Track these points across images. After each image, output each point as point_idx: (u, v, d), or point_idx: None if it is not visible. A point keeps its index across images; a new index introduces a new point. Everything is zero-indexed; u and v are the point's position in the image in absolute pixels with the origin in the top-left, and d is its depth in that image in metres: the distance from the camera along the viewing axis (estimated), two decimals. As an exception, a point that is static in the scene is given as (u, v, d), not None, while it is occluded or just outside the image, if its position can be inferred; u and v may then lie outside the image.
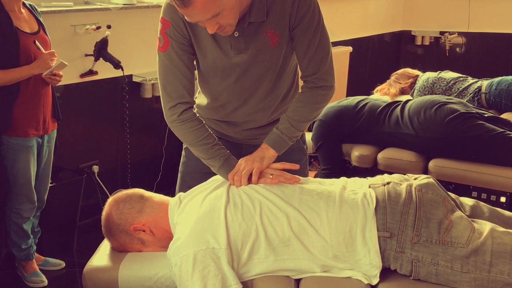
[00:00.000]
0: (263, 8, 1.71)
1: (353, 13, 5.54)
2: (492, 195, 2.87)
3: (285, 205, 1.65)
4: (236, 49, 1.76)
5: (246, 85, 1.86)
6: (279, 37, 1.77)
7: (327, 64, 1.84)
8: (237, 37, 1.74)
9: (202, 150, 1.85)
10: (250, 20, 1.71)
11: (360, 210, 1.63)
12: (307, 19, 1.75)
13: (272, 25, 1.75)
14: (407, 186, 1.69)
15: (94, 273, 1.73)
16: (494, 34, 5.90)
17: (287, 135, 1.84)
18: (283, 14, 1.74)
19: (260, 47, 1.78)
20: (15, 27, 2.51)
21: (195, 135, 1.84)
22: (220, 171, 1.83)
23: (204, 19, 1.58)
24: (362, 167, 3.14)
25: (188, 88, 1.83)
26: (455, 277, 1.57)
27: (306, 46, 1.79)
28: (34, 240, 2.92)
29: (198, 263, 1.53)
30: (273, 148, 1.83)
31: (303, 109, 1.85)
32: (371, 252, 1.61)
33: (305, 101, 1.85)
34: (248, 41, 1.76)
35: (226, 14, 1.58)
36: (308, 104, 1.86)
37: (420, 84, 3.86)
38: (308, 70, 1.83)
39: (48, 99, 2.72)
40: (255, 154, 1.83)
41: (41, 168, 2.80)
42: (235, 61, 1.79)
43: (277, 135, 1.84)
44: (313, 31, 1.77)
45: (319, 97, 1.86)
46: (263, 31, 1.75)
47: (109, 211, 1.78)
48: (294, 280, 1.65)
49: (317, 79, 1.84)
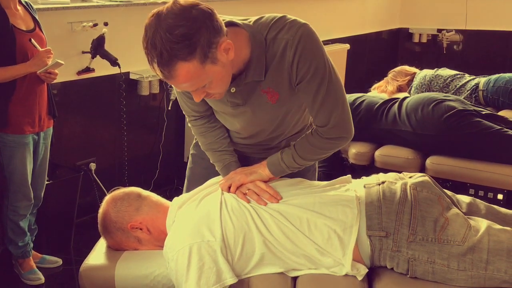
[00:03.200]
0: (262, 68, 1.61)
1: (350, 10, 5.54)
2: (489, 193, 2.87)
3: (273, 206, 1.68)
4: (233, 103, 1.70)
5: (250, 128, 1.81)
6: (278, 95, 1.68)
7: (339, 115, 1.69)
8: (234, 93, 1.66)
9: (209, 154, 1.91)
10: (246, 81, 1.63)
11: (341, 217, 1.64)
12: (310, 76, 1.62)
13: (269, 84, 1.65)
14: (402, 185, 1.69)
15: (91, 271, 1.73)
16: (491, 32, 5.90)
17: (286, 165, 1.77)
18: (281, 74, 1.63)
19: (258, 103, 1.70)
20: (11, 25, 2.50)
21: (205, 139, 1.90)
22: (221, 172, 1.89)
23: (190, 90, 1.52)
24: (359, 165, 3.13)
25: (197, 110, 1.84)
26: (451, 275, 1.58)
27: (311, 100, 1.66)
28: (31, 237, 2.92)
29: (194, 256, 1.53)
30: (269, 169, 1.78)
31: (308, 149, 1.75)
32: (346, 256, 1.61)
33: (312, 144, 1.74)
34: (245, 97, 1.68)
35: (214, 85, 1.50)
36: (314, 149, 1.75)
37: (417, 81, 3.86)
38: (317, 121, 1.71)
39: (44, 96, 2.72)
40: (252, 166, 1.82)
41: (38, 165, 2.80)
42: (233, 112, 1.75)
43: (278, 160, 1.78)
44: (316, 87, 1.63)
45: (328, 145, 1.75)
46: (260, 90, 1.67)
47: (106, 209, 1.78)
48: (291, 278, 1.65)
49: (327, 130, 1.71)
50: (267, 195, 1.70)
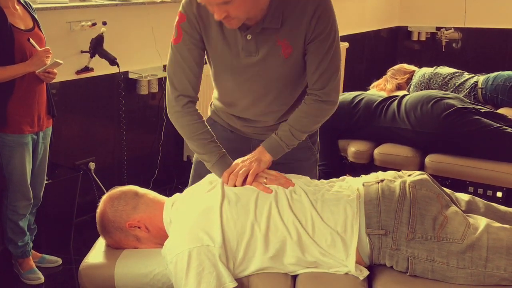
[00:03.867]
0: (279, 16, 1.70)
1: (349, 8, 5.54)
2: (489, 190, 2.87)
3: (277, 204, 1.67)
4: (246, 51, 1.76)
5: (255, 88, 1.86)
6: (292, 49, 1.76)
7: (336, 81, 1.83)
8: (249, 40, 1.74)
9: (198, 144, 1.86)
10: (263, 26, 1.71)
11: (342, 217, 1.64)
12: (324, 36, 1.73)
13: (286, 35, 1.73)
14: (401, 183, 1.69)
15: (90, 270, 1.73)
16: (490, 29, 5.90)
17: (285, 142, 1.84)
18: (299, 27, 1.72)
19: (271, 54, 1.77)
20: (10, 24, 2.50)
21: (194, 128, 1.86)
22: (214, 167, 1.84)
23: (215, 3, 1.58)
24: (359, 163, 3.13)
25: (193, 83, 1.84)
26: (451, 273, 1.58)
27: (318, 61, 1.77)
28: (31, 237, 2.92)
29: (193, 260, 1.52)
30: (270, 153, 1.83)
31: (305, 119, 1.85)
32: (349, 258, 1.61)
33: (307, 112, 1.85)
34: (260, 46, 1.75)
35: (236, 4, 1.57)
36: (310, 116, 1.86)
37: (416, 79, 3.86)
38: (317, 84, 1.82)
39: (43, 96, 2.72)
40: (251, 155, 1.84)
41: (37, 165, 2.80)
42: (244, 63, 1.79)
43: (275, 140, 1.85)
44: (327, 48, 1.75)
45: (322, 111, 1.87)
46: (277, 40, 1.74)
47: (103, 209, 1.78)
48: (291, 277, 1.65)
49: (323, 94, 1.83)
50: (283, 180, 1.74)
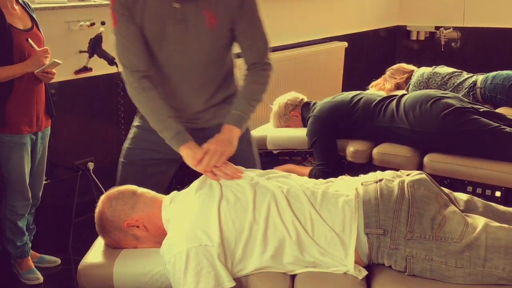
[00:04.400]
0: None
1: (348, 8, 5.53)
2: (487, 190, 2.87)
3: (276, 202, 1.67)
4: (174, 19, 1.86)
5: (183, 63, 1.94)
6: (217, 20, 1.87)
7: (267, 45, 2.00)
8: (177, 8, 1.84)
9: (156, 120, 1.92)
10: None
11: (340, 216, 1.64)
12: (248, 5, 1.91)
13: (211, 6, 1.86)
14: (399, 182, 1.69)
15: (89, 270, 1.73)
16: (489, 29, 5.90)
17: (245, 113, 1.96)
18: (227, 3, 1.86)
19: (197, 23, 1.87)
20: (8, 24, 2.50)
21: (151, 105, 1.92)
22: (172, 142, 1.90)
23: None
24: (358, 163, 3.13)
25: (141, 57, 1.91)
26: (449, 273, 1.58)
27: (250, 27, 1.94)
28: (29, 237, 2.92)
29: (191, 260, 1.53)
30: (237, 126, 1.93)
31: (255, 86, 2.00)
32: (348, 257, 1.61)
33: (255, 81, 2.01)
34: (186, 14, 1.85)
35: None
36: (257, 84, 2.01)
37: (415, 79, 3.86)
38: (255, 57, 1.99)
39: (41, 96, 2.71)
40: (220, 137, 1.89)
41: (35, 165, 2.80)
42: (171, 32, 1.88)
43: (237, 114, 1.95)
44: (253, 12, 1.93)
45: (265, 77, 2.02)
46: (202, 9, 1.85)
47: (102, 209, 1.78)
48: (290, 276, 1.65)
49: (262, 63, 2.00)
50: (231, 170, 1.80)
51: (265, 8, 1.99)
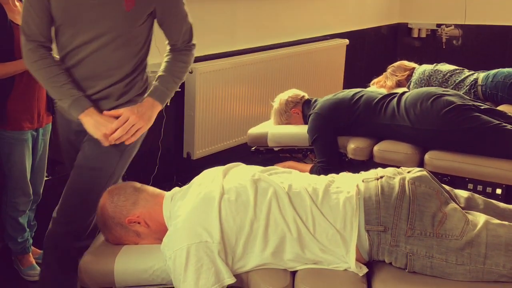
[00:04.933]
0: None
1: (349, 5, 5.53)
2: (488, 187, 2.87)
3: (278, 199, 1.67)
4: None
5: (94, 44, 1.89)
6: (134, 4, 1.85)
7: (191, 26, 2.04)
8: None
9: (53, 89, 1.91)
10: None
11: (341, 213, 1.64)
12: None
13: None
14: (400, 179, 1.69)
15: (90, 265, 1.73)
16: (490, 26, 5.89)
17: (168, 89, 1.99)
18: None
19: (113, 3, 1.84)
20: (10, 20, 2.50)
21: (47, 72, 1.90)
22: (71, 109, 1.88)
23: None
24: (358, 160, 3.13)
25: (41, 29, 1.89)
26: (450, 270, 1.58)
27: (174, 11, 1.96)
28: (30, 233, 2.92)
29: (192, 257, 1.53)
30: (160, 102, 1.97)
31: (180, 64, 2.03)
32: (350, 253, 1.61)
33: (181, 60, 2.04)
34: None
35: None
36: (183, 63, 2.04)
37: (416, 76, 3.86)
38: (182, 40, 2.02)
39: (42, 92, 2.71)
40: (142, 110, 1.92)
41: (36, 161, 2.80)
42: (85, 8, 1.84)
43: (162, 89, 1.97)
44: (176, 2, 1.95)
45: (190, 57, 2.07)
46: None
47: (103, 205, 1.78)
48: (290, 273, 1.65)
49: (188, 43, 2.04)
50: None
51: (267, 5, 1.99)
